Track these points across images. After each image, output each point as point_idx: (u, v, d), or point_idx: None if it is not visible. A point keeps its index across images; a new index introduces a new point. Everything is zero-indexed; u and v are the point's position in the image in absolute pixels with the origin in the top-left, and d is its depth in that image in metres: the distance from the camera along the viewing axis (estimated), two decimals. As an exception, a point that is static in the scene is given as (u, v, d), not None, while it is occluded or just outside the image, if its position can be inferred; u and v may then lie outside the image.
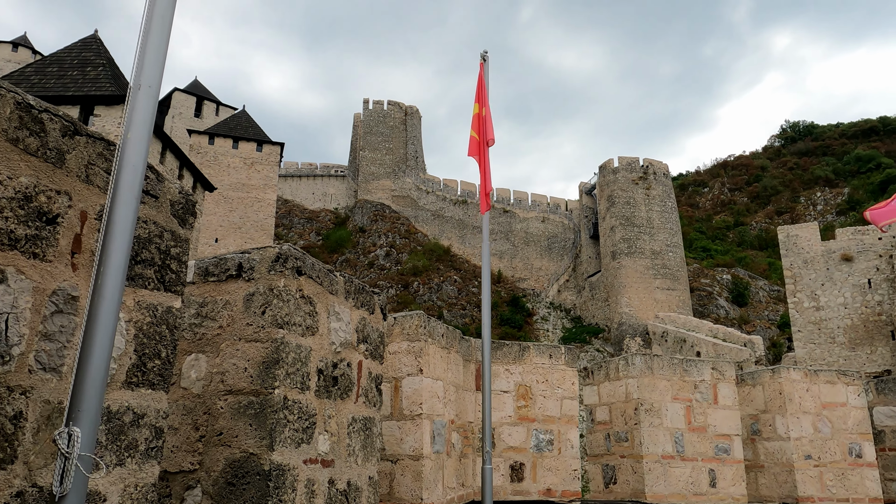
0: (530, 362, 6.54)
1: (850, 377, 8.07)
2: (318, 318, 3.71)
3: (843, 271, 38.08)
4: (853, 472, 7.71)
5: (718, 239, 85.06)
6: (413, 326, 5.21)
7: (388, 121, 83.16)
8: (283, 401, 3.28)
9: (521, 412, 6.38)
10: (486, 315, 5.90)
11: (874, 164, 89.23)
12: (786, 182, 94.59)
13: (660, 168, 68.53)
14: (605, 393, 7.50)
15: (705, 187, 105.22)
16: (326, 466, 3.61)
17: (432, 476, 5.04)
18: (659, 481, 6.78)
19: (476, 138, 6.36)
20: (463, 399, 5.96)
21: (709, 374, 7.35)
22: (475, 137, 6.38)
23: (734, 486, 7.08)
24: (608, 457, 7.31)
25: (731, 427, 7.27)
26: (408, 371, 5.14)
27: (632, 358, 7.15)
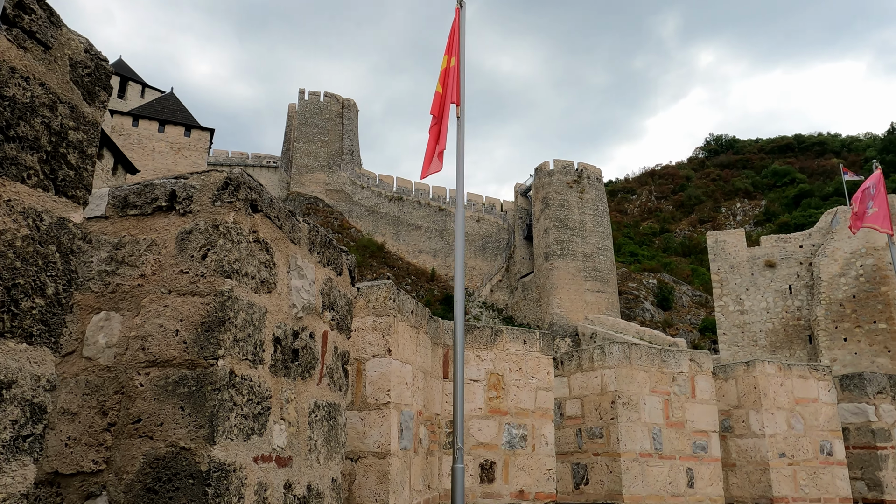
0: (503, 348, 5.80)
1: (821, 372, 7.76)
2: (277, 271, 2.82)
3: (767, 277, 39.45)
4: (824, 470, 7.38)
5: (645, 244, 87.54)
6: (380, 299, 4.36)
7: (324, 113, 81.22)
8: (228, 376, 2.39)
9: (492, 404, 5.63)
10: (458, 288, 5.12)
11: (789, 179, 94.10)
12: (709, 192, 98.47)
13: (593, 172, 69.73)
14: (576, 385, 6.86)
15: (634, 194, 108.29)
16: (282, 466, 2.73)
17: (399, 477, 4.21)
18: (637, 481, 6.19)
19: (440, 93, 5.58)
20: (430, 388, 5.15)
21: (687, 365, 6.83)
22: (439, 92, 5.60)
23: (711, 487, 6.58)
24: (579, 455, 6.68)
25: (708, 423, 6.77)
26: (373, 351, 4.29)
27: (609, 346, 6.53)
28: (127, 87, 67.18)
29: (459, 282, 5.14)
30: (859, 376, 8.25)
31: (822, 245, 37.59)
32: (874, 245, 35.80)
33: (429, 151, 5.32)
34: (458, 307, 5.16)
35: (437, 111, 5.51)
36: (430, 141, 5.35)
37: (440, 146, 5.33)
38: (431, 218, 73.89)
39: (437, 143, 5.36)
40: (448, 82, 5.58)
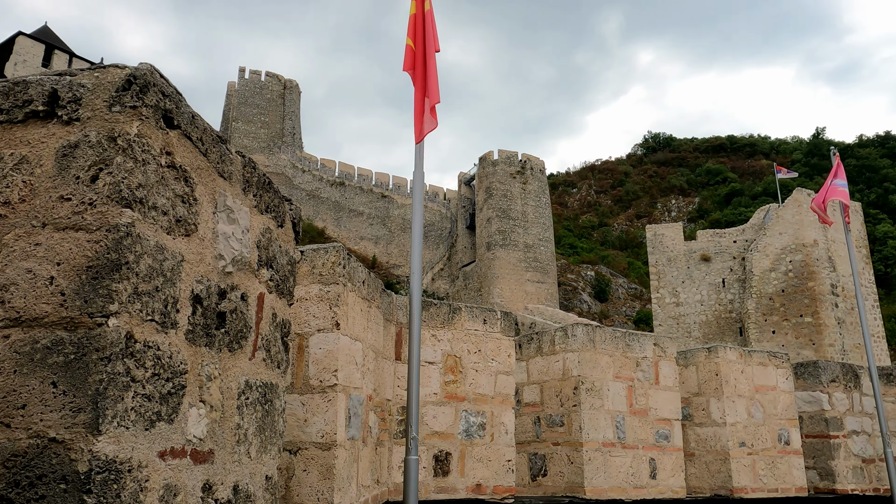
0: (461, 328, 5.25)
1: (780, 359, 7.57)
2: (199, 209, 2.16)
3: (702, 270, 40.45)
4: (782, 460, 7.19)
5: (584, 237, 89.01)
6: (328, 264, 3.72)
7: (265, 93, 78.75)
8: (124, 341, 1.73)
9: (448, 389, 5.07)
10: (416, 259, 4.53)
11: (721, 178, 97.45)
12: (646, 188, 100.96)
13: (537, 164, 70.15)
14: (535, 370, 6.39)
15: (574, 188, 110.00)
16: (201, 462, 2.08)
17: (346, 472, 3.60)
18: (599, 472, 5.77)
19: (412, 48, 4.91)
20: (381, 370, 4.55)
21: (651, 350, 6.46)
22: (411, 47, 4.93)
23: (674, 478, 6.24)
24: (537, 444, 6.22)
25: (671, 411, 6.43)
26: (319, 325, 3.65)
27: (572, 328, 6.08)
28: (52, 56, 63.10)
29: (417, 247, 4.54)
30: (814, 364, 8.12)
31: (755, 241, 38.79)
32: (803, 242, 37.18)
33: (417, 109, 4.65)
34: (416, 279, 4.56)
35: (411, 66, 4.82)
36: (417, 96, 4.67)
37: (431, 100, 4.66)
38: (374, 204, 72.84)
39: (428, 97, 4.69)
40: (423, 30, 4.87)
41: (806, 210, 37.93)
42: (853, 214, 40.35)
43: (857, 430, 8.11)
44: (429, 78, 4.71)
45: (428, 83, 4.71)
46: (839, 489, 7.66)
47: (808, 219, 37.87)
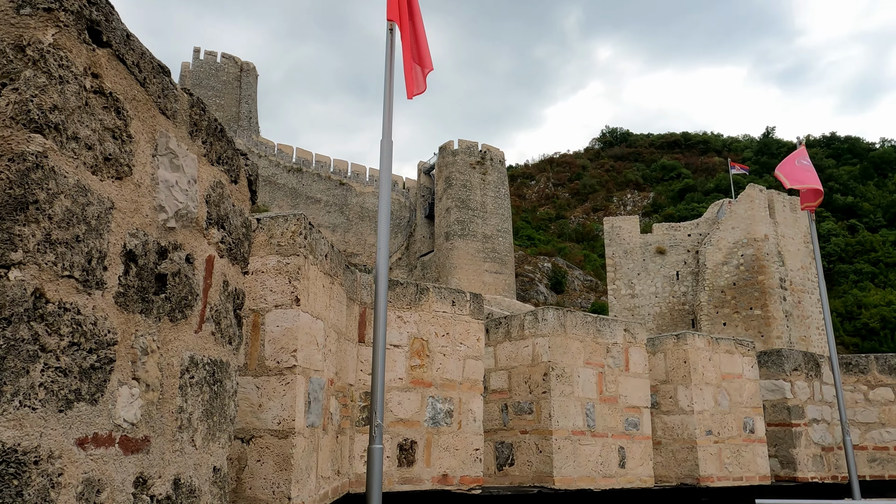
0: (429, 309, 4.94)
1: (745, 347, 7.51)
2: (135, 148, 1.79)
3: (657, 263, 41.09)
4: (747, 448, 7.13)
5: (542, 229, 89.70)
6: (288, 234, 3.36)
7: (220, 75, 76.66)
8: (31, 300, 1.37)
9: (414, 374, 4.77)
10: (383, 232, 4.20)
11: (675, 174, 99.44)
12: (602, 182, 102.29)
13: (497, 155, 70.22)
14: (504, 355, 6.14)
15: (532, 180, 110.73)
16: (133, 451, 1.73)
17: (305, 462, 3.26)
18: (568, 461, 5.56)
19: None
20: (343, 352, 4.21)
21: (621, 335, 6.28)
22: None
23: (642, 466, 6.09)
24: (504, 433, 5.97)
25: (640, 398, 6.27)
26: (277, 300, 3.29)
27: (543, 312, 5.84)
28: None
29: (384, 222, 4.21)
30: (777, 353, 8.11)
31: (709, 234, 39.56)
32: (754, 236, 38.08)
33: (407, 63, 4.26)
34: (382, 254, 4.23)
35: (396, 14, 4.41)
36: (405, 49, 4.29)
37: (425, 67, 4.28)
38: (332, 192, 71.81)
39: (420, 64, 4.31)
40: None
41: (758, 205, 38.86)
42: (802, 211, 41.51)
43: (817, 419, 8.14)
44: (420, 46, 4.36)
45: (420, 51, 4.36)
46: (800, 477, 7.67)
47: (759, 214, 38.79)
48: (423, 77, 4.28)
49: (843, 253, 73.82)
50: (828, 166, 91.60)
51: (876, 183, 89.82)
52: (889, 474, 8.29)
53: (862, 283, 69.70)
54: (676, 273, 40.49)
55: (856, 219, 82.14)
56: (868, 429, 8.47)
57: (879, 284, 69.34)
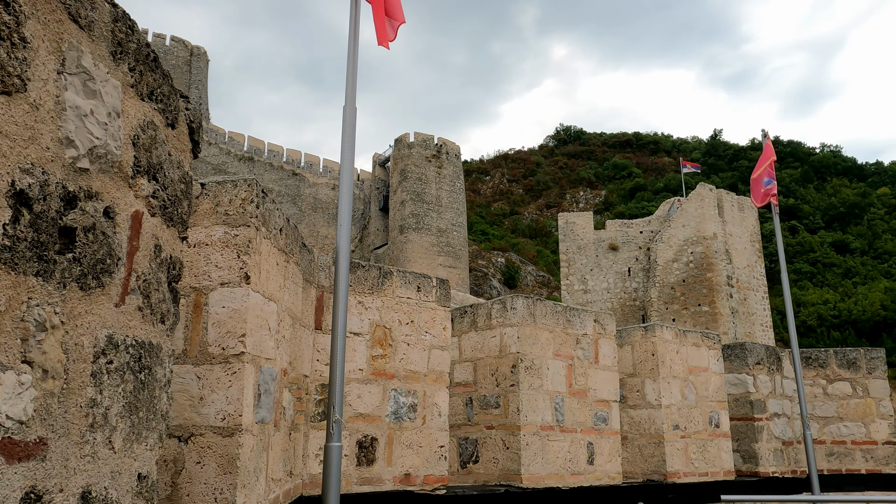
0: (392, 295, 4.55)
1: (712, 340, 7.36)
2: (30, 55, 1.35)
3: (610, 259, 41.54)
4: (712, 443, 6.99)
5: (496, 225, 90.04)
6: (238, 202, 2.92)
7: (169, 58, 74.10)
8: None
9: (376, 364, 4.37)
10: (345, 208, 3.79)
11: (627, 173, 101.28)
12: (556, 179, 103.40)
13: (452, 149, 70.02)
14: (469, 346, 5.79)
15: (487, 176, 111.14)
16: (20, 459, 1.29)
17: (253, 463, 2.84)
18: (536, 458, 5.25)
19: None
20: (299, 340, 3.78)
21: (591, 326, 6.01)
22: None
23: (611, 463, 5.83)
24: (469, 428, 5.63)
25: (609, 391, 6.01)
26: (223, 278, 2.85)
27: (512, 300, 5.51)
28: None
29: (346, 196, 3.79)
30: (741, 346, 8.02)
31: (660, 232, 40.21)
32: (703, 234, 38.86)
33: (378, 14, 3.84)
34: (343, 233, 3.81)
35: None
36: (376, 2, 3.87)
37: (396, 20, 3.87)
38: (284, 182, 70.31)
39: (390, 17, 3.88)
40: None
41: (707, 204, 39.67)
42: (749, 210, 42.65)
43: (778, 413, 8.09)
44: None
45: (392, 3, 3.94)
46: (761, 472, 7.59)
47: (709, 213, 39.58)
48: (394, 28, 3.87)
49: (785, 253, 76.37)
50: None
51: (815, 186, 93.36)
52: (846, 468, 8.31)
53: (801, 283, 72.35)
54: (628, 269, 41.04)
55: (796, 220, 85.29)
56: (826, 423, 8.48)
57: (817, 284, 72.14)
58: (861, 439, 8.32)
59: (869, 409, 8.36)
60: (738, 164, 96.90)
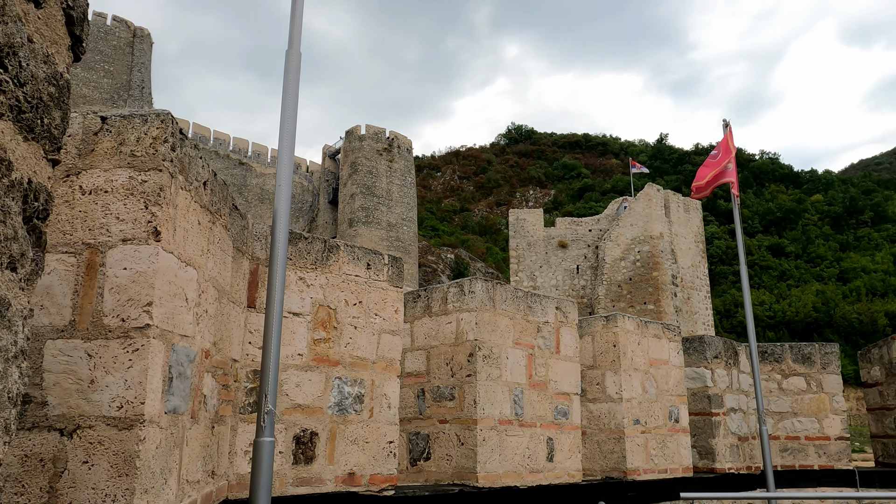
0: (338, 272, 4.03)
1: (672, 332, 7.10)
2: None
3: (559, 256, 41.75)
4: (671, 438, 6.72)
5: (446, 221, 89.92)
6: (147, 140, 2.36)
7: (110, 39, 70.94)
8: None
9: (318, 349, 3.84)
10: (284, 168, 3.27)
11: (576, 173, 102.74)
12: (506, 177, 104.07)
13: (404, 143, 69.43)
14: (422, 333, 5.31)
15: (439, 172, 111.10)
16: None
17: (159, 462, 2.29)
18: (494, 455, 4.82)
19: None
20: (227, 318, 3.23)
21: (553, 314, 5.62)
22: None
23: (570, 459, 5.46)
24: (420, 422, 5.15)
25: (570, 384, 5.64)
26: (125, 233, 2.29)
27: (471, 283, 5.06)
28: None
29: (287, 148, 3.26)
30: (700, 339, 7.81)
31: (609, 230, 40.61)
32: (650, 234, 39.45)
33: None
34: (283, 194, 3.28)
35: None
36: None
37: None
38: (230, 171, 68.28)
39: None
40: None
41: (655, 204, 40.28)
42: (694, 211, 43.58)
43: (734, 408, 7.92)
44: None
45: None
46: (718, 468, 7.39)
47: (656, 213, 40.18)
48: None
49: (724, 255, 78.84)
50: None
51: (755, 191, 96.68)
52: (800, 464, 8.22)
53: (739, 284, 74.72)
54: (577, 267, 41.33)
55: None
56: (781, 418, 8.37)
57: (754, 286, 74.66)
58: (814, 435, 8.24)
59: (822, 404, 8.29)
60: (682, 168, 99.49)
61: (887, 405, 8.39)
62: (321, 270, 3.95)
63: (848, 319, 63.21)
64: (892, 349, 8.13)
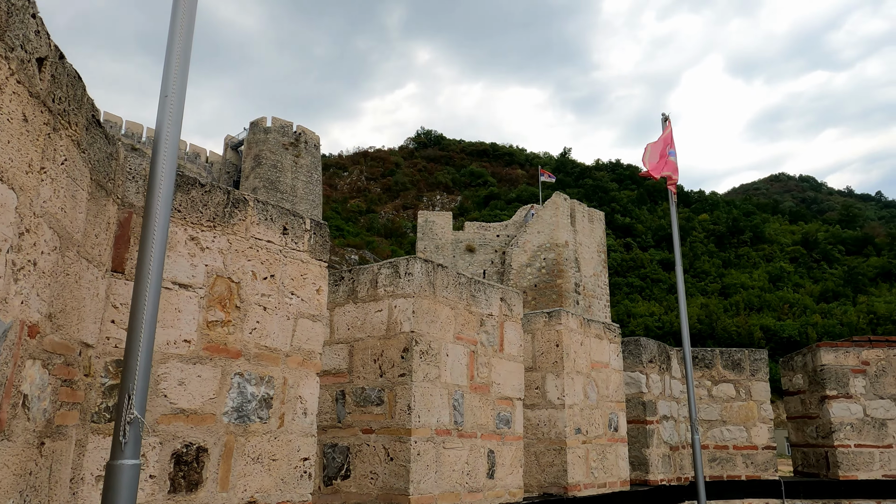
0: (245, 234, 3.04)
1: (613, 332, 6.53)
2: None
3: (466, 260, 41.47)
4: (611, 448, 6.12)
5: (351, 221, 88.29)
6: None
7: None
8: None
9: (213, 335, 2.84)
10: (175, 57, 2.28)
11: (482, 181, 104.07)
12: (414, 181, 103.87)
13: (312, 138, 67.35)
14: (344, 323, 4.37)
15: (346, 171, 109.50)
16: None
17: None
18: (429, 472, 3.95)
19: None
20: (75, 281, 2.18)
21: (497, 306, 4.84)
22: None
23: (512, 476, 4.68)
24: (338, 432, 4.20)
25: (514, 387, 4.87)
26: None
27: (407, 264, 4.17)
28: None
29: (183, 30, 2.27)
30: (635, 342, 7.30)
31: (516, 237, 40.79)
32: (556, 242, 39.97)
33: None
34: (172, 106, 2.28)
35: None
36: None
37: None
38: (118, 155, 63.44)
39: None
40: None
41: (562, 213, 40.85)
42: (598, 222, 44.68)
43: (667, 416, 7.48)
44: None
45: None
46: (651, 480, 6.89)
47: (562, 221, 40.76)
48: None
49: (619, 267, 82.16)
50: (612, 189, 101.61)
51: (649, 208, 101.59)
52: (728, 474, 7.91)
53: (632, 295, 78.07)
54: (483, 272, 41.20)
55: (631, 238, 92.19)
56: (710, 426, 8.05)
57: (646, 297, 78.24)
58: (743, 444, 7.96)
59: (751, 412, 8.04)
60: (583, 182, 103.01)
61: (809, 414, 8.26)
62: (222, 230, 2.95)
63: (728, 332, 67.42)
64: (818, 357, 8.00)
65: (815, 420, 8.12)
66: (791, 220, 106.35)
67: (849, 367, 7.90)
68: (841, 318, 69.98)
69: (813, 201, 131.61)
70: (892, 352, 8.00)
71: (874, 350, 7.99)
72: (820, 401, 8.01)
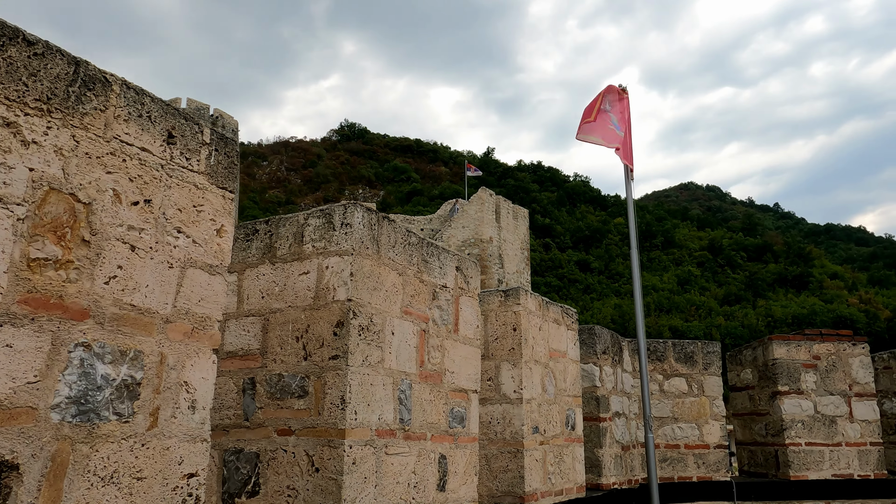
0: (105, 131, 1.97)
1: (570, 318, 5.75)
2: None
3: (389, 254, 40.28)
4: (567, 449, 5.33)
5: (270, 212, 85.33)
6: None
7: None
8: None
9: (38, 280, 1.76)
10: None
11: (406, 177, 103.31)
12: (336, 174, 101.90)
13: (230, 123, 64.17)
14: (256, 289, 3.31)
15: (265, 161, 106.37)
16: None
17: None
18: (368, 487, 2.97)
19: None
20: None
21: (453, 276, 3.91)
22: None
23: (466, 486, 3.77)
24: (245, 433, 3.15)
25: (470, 377, 3.96)
26: None
27: (345, 212, 3.17)
28: None
29: None
30: (589, 330, 6.57)
31: (440, 231, 40.08)
32: (481, 237, 39.54)
33: None
34: None
35: None
36: None
37: None
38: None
39: None
40: None
41: (487, 208, 40.48)
42: (522, 219, 44.63)
43: (619, 412, 6.80)
44: None
45: None
46: (604, 483, 6.18)
47: (487, 217, 40.38)
48: None
49: (538, 267, 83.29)
50: (533, 190, 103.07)
51: (567, 210, 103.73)
52: (679, 476, 7.33)
53: (550, 294, 79.34)
54: (406, 266, 40.20)
55: (550, 238, 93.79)
56: (661, 424, 7.45)
57: (563, 297, 79.65)
58: (694, 443, 7.41)
59: (703, 408, 7.50)
60: (505, 182, 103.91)
61: (758, 410, 7.83)
62: (63, 121, 1.87)
63: (641, 332, 69.37)
64: (770, 350, 7.56)
65: (765, 417, 7.68)
66: (699, 226, 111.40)
67: (800, 361, 7.51)
68: (742, 321, 73.68)
69: (718, 209, 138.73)
70: (841, 346, 7.67)
71: (825, 344, 7.63)
72: (770, 397, 7.58)
